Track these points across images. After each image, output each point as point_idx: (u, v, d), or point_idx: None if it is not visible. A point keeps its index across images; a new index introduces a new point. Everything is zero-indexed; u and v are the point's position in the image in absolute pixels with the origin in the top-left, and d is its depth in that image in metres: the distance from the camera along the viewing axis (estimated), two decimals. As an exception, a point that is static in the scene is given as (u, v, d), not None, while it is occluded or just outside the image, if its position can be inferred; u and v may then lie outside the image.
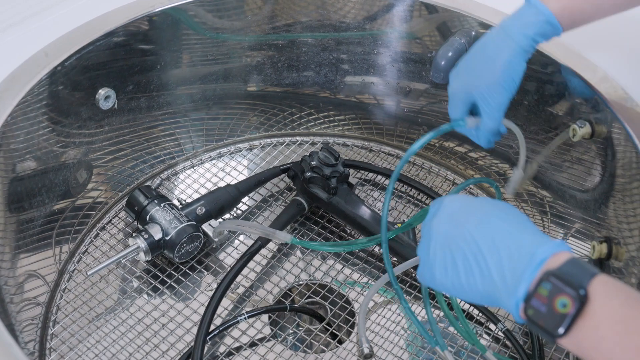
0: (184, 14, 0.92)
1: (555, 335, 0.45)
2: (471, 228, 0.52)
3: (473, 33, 0.92)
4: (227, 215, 0.95)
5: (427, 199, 1.00)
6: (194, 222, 0.87)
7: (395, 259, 0.89)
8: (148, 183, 1.00)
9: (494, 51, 0.69)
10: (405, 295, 0.88)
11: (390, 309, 0.87)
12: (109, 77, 0.88)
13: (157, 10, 0.88)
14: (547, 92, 0.88)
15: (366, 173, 1.04)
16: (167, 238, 0.85)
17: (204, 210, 0.89)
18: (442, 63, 0.91)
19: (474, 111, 0.73)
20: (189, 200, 0.93)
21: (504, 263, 0.49)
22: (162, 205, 0.87)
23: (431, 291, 0.85)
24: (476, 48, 0.72)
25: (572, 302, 0.44)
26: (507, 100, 0.69)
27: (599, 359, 0.44)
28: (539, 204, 0.95)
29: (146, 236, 0.84)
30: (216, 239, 0.89)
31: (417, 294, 0.88)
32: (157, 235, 0.85)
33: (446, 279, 0.53)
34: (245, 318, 0.82)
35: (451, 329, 0.83)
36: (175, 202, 0.91)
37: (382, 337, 0.84)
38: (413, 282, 0.89)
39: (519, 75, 0.68)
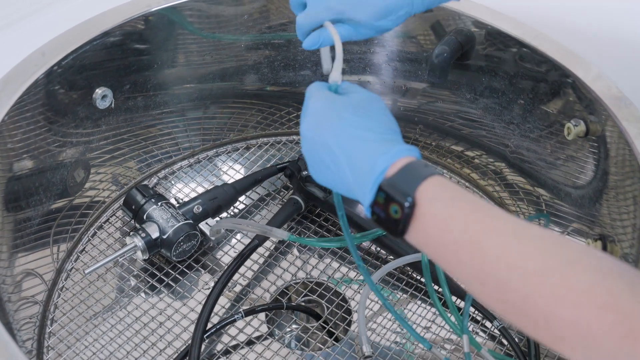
0: (180, 13, 0.92)
1: (395, 235, 0.49)
2: (329, 137, 0.53)
3: (469, 32, 0.92)
4: (224, 214, 0.95)
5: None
6: (190, 221, 0.87)
7: (391, 256, 0.90)
8: (145, 182, 1.00)
9: None
10: (400, 294, 0.89)
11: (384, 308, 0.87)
12: (105, 76, 0.88)
13: (153, 9, 0.88)
14: (541, 91, 0.88)
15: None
16: (165, 237, 0.85)
17: (201, 209, 0.89)
18: (438, 62, 0.92)
19: None
20: (186, 199, 0.93)
21: (356, 172, 0.52)
22: (159, 204, 0.87)
23: (424, 288, 0.85)
24: None
25: (400, 209, 0.48)
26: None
27: (431, 255, 0.49)
28: (534, 202, 0.95)
29: (143, 235, 0.84)
30: (213, 238, 0.90)
31: (413, 292, 0.89)
32: (154, 234, 0.85)
33: (318, 176, 0.57)
34: (242, 316, 0.83)
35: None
36: (173, 201, 0.91)
37: (378, 335, 0.84)
38: (409, 280, 0.90)
39: None
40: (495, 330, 0.84)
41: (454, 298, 0.83)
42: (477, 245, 0.45)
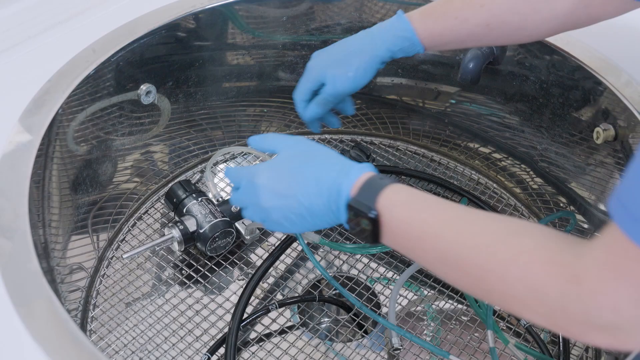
0: (223, 14, 0.96)
1: (372, 242, 0.57)
2: (294, 192, 0.60)
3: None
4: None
5: (453, 195, 1.03)
6: (227, 219, 0.89)
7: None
8: (187, 177, 1.04)
9: (356, 51, 0.76)
10: (428, 290, 0.91)
11: (414, 302, 0.90)
12: (150, 73, 0.91)
13: (199, 9, 0.92)
14: (571, 96, 0.90)
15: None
16: (201, 231, 0.87)
17: (239, 208, 0.91)
18: (470, 65, 0.94)
19: (317, 91, 0.80)
20: (222, 194, 0.96)
21: (330, 202, 0.58)
22: (199, 199, 0.90)
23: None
24: (343, 42, 0.79)
25: (368, 221, 0.55)
26: (349, 92, 0.78)
27: (402, 251, 0.57)
28: (561, 204, 0.97)
29: (181, 227, 0.87)
30: (248, 237, 0.92)
31: (441, 288, 0.91)
32: (192, 228, 0.88)
33: (299, 227, 0.62)
34: (276, 307, 0.86)
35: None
36: (209, 195, 0.94)
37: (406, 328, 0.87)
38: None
39: (368, 78, 0.77)
40: (520, 328, 0.86)
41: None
42: (437, 235, 0.53)
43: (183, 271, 0.92)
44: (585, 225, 0.92)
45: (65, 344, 0.57)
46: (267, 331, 0.86)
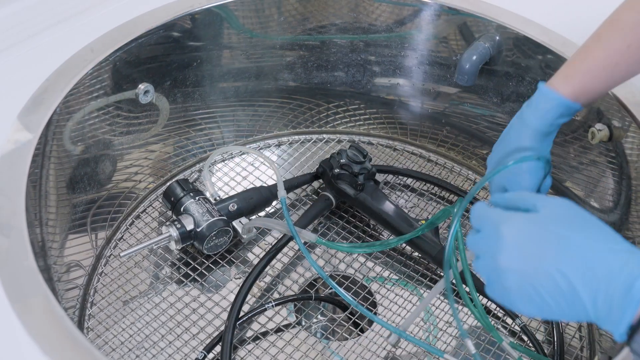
0: (220, 15, 0.96)
1: None
2: (551, 263, 0.48)
3: (497, 38, 0.95)
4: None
5: (450, 195, 1.03)
6: (225, 217, 0.90)
7: (416, 254, 0.93)
8: (186, 176, 1.04)
9: (516, 140, 0.72)
10: (424, 289, 0.92)
11: (410, 301, 0.90)
12: (148, 72, 0.92)
13: (196, 9, 0.92)
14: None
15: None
16: (198, 230, 0.88)
17: (236, 207, 0.92)
18: (467, 66, 0.94)
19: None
20: (220, 193, 0.97)
21: (597, 295, 0.45)
22: (196, 198, 0.90)
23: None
24: (503, 136, 0.75)
25: None
26: (531, 187, 0.70)
27: None
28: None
29: (179, 226, 0.88)
30: (245, 236, 0.92)
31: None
32: (189, 226, 0.88)
33: (532, 308, 0.50)
34: (272, 305, 0.86)
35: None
36: (207, 194, 0.94)
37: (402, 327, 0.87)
38: (434, 276, 0.93)
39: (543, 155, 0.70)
40: (516, 327, 0.86)
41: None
42: None
43: (180, 269, 0.92)
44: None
45: (62, 341, 0.58)
46: (264, 329, 0.87)
